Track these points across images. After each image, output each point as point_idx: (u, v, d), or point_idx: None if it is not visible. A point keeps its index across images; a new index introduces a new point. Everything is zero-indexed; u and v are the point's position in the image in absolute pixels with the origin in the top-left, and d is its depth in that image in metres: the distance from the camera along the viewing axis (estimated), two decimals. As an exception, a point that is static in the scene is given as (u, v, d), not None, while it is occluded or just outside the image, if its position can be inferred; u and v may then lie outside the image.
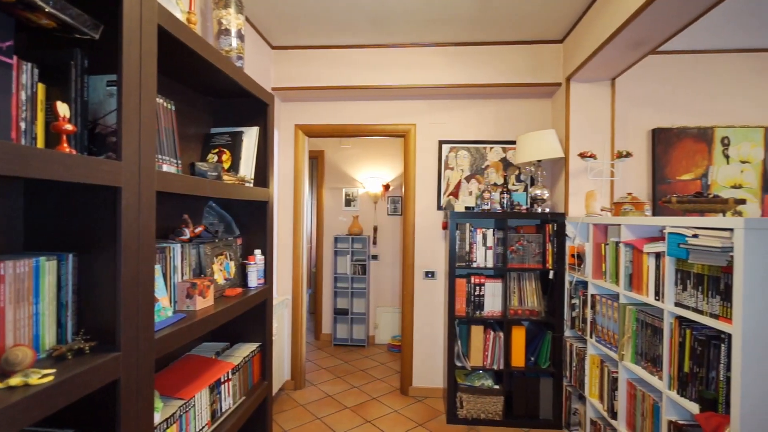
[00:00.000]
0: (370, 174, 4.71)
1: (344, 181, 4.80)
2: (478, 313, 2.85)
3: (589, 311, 2.42)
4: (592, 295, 2.39)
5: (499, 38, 2.98)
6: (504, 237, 2.82)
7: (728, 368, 1.38)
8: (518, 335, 2.83)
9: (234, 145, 1.77)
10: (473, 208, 2.97)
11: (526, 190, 3.14)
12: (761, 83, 3.09)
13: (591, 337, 2.39)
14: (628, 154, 2.56)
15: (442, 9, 2.57)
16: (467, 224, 2.85)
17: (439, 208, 3.26)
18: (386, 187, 4.66)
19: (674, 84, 3.13)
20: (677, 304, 1.65)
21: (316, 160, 4.88)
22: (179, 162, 1.29)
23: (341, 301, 4.67)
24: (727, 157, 3.08)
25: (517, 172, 3.20)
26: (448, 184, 3.26)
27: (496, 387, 2.83)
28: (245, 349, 1.75)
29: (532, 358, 2.85)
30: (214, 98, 1.83)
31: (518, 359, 2.83)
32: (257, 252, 1.79)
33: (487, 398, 2.81)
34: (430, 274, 3.28)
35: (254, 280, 1.76)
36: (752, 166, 3.07)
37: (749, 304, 1.28)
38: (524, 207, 2.89)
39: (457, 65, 3.06)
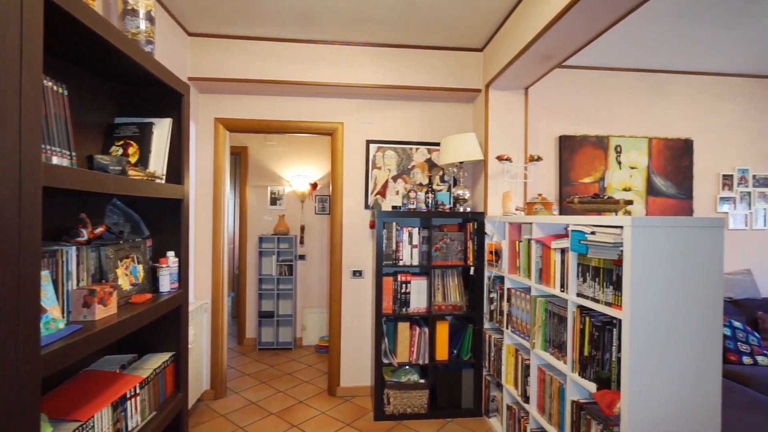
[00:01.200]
0: (297, 172, 4.60)
1: (270, 178, 4.63)
2: (404, 310, 2.92)
3: (505, 304, 2.59)
4: (508, 289, 2.56)
5: (425, 43, 3.08)
6: (429, 235, 2.91)
7: (619, 350, 1.56)
8: (442, 330, 2.94)
9: (143, 138, 1.61)
10: (400, 207, 3.03)
11: (449, 190, 3.28)
12: (646, 99, 3.55)
13: (507, 328, 2.57)
14: (539, 158, 2.79)
15: (368, 9, 2.59)
16: (394, 223, 2.90)
17: (367, 207, 3.28)
18: (314, 185, 4.58)
19: (578, 96, 3.48)
20: (579, 295, 1.83)
21: (239, 156, 4.64)
22: (73, 154, 1.14)
23: (266, 303, 4.50)
24: (619, 163, 3.49)
25: (441, 173, 3.33)
26: (375, 183, 3.29)
27: (422, 381, 2.92)
28: (156, 360, 1.60)
29: (455, 351, 2.99)
30: (120, 85, 1.65)
31: (442, 353, 2.95)
32: (170, 254, 1.65)
33: (413, 393, 2.89)
34: (357, 273, 3.28)
35: (166, 284, 1.62)
36: (639, 171, 3.52)
37: (635, 292, 1.46)
38: (448, 206, 3.02)
39: (386, 66, 3.10)
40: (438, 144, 3.32)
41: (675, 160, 3.54)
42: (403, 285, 2.91)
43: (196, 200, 3.18)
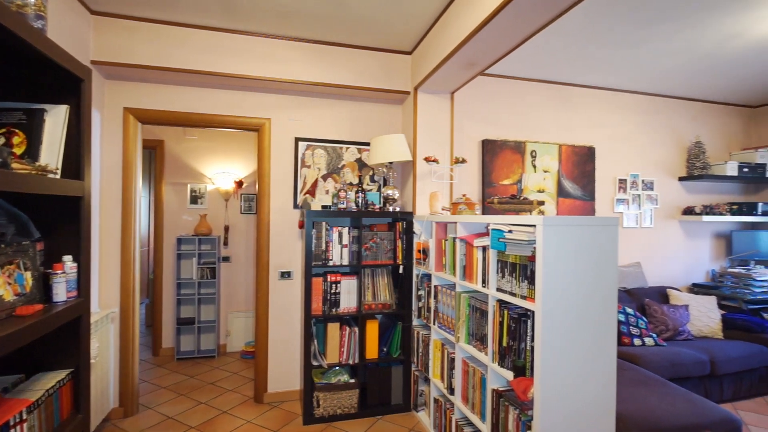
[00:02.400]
0: (221, 169, 4.35)
1: (190, 175, 4.32)
2: (334, 310, 2.89)
3: (432, 301, 2.68)
4: (435, 286, 2.65)
5: (356, 42, 3.07)
6: (359, 235, 2.92)
7: (533, 339, 1.69)
8: (372, 329, 2.97)
9: (32, 126, 1.41)
10: (330, 206, 3.00)
11: (379, 190, 3.31)
12: (557, 109, 3.89)
13: (434, 324, 2.66)
14: (464, 161, 2.92)
15: (296, 3, 2.52)
16: (324, 223, 2.86)
17: (296, 206, 3.20)
18: (239, 183, 4.36)
19: (499, 102, 3.71)
20: (498, 290, 1.94)
21: (155, 150, 4.26)
22: (-66, 142, 0.96)
23: (186, 309, 4.20)
24: (534, 166, 3.78)
25: (371, 173, 3.35)
26: (304, 182, 3.22)
27: (352, 381, 2.91)
28: (49, 380, 1.41)
29: (385, 349, 3.03)
30: (1, 64, 1.42)
31: (372, 351, 2.97)
32: (67, 259, 1.46)
33: (343, 393, 2.87)
34: (286, 275, 3.19)
35: (62, 293, 1.43)
36: (551, 174, 3.84)
37: (546, 285, 1.59)
38: (377, 206, 3.05)
39: (316, 63, 3.04)
40: (368, 144, 3.34)
41: (581, 165, 3.92)
42: (333, 285, 2.88)
43: (101, 198, 2.86)
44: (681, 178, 4.35)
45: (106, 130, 2.88)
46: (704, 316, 3.67)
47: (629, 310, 3.45)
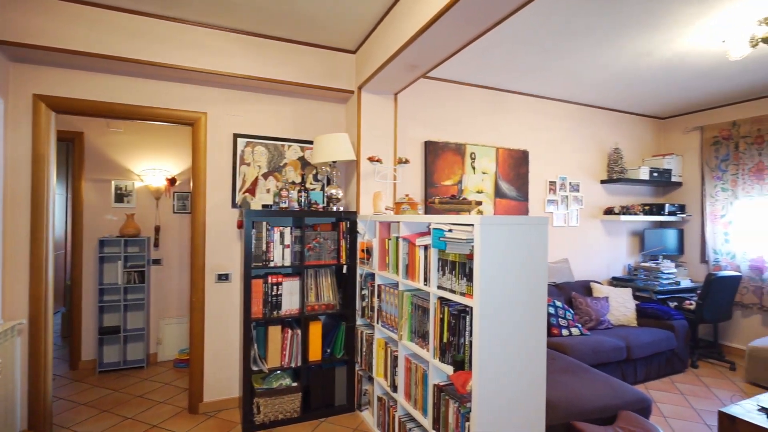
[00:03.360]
0: (151, 165, 4.05)
1: (114, 171, 3.97)
2: (275, 313, 2.80)
3: (376, 300, 2.69)
4: (379, 285, 2.66)
5: (300, 38, 3.00)
6: (301, 235, 2.86)
7: (471, 334, 1.75)
8: (315, 330, 2.92)
9: None
10: (271, 206, 2.90)
11: (322, 189, 3.27)
12: (494, 113, 4.08)
13: (378, 323, 2.67)
14: (407, 161, 2.97)
15: (237, -7, 2.41)
16: (264, 223, 2.76)
17: (234, 205, 3.06)
18: (171, 181, 4.09)
19: (441, 105, 3.81)
20: (439, 287, 1.99)
21: (72, 143, 3.87)
22: None
23: (110, 317, 3.86)
24: (474, 168, 3.93)
25: (314, 172, 3.29)
26: (244, 180, 3.09)
27: (294, 384, 2.85)
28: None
29: (329, 350, 2.99)
30: None
31: (315, 353, 2.92)
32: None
33: (285, 398, 2.80)
34: (224, 277, 3.04)
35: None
36: (489, 176, 4.02)
37: (483, 282, 1.66)
38: (321, 205, 3.00)
39: (257, 57, 2.93)
40: (311, 142, 3.28)
41: (515, 168, 4.15)
42: (275, 287, 2.80)
43: (4, 195, 2.54)
44: (603, 181, 4.75)
45: (11, 119, 2.56)
46: (622, 307, 4.04)
47: (558, 303, 3.71)
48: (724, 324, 4.54)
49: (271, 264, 2.79)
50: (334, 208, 2.99)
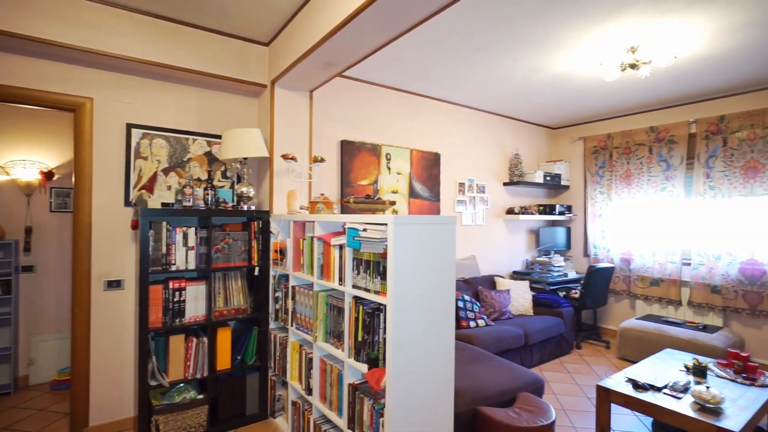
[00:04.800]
0: (20, 156, 3.46)
1: (-30, 162, 3.32)
2: (178, 320, 2.57)
3: (290, 302, 2.61)
4: (293, 287, 2.59)
5: (207, 24, 2.79)
6: (208, 236, 2.66)
7: (385, 331, 1.78)
8: (224, 336, 2.74)
9: None
10: (173, 204, 2.66)
11: (232, 187, 3.08)
12: (408, 116, 4.21)
13: (292, 325, 2.59)
14: (322, 160, 2.93)
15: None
16: (164, 223, 2.52)
17: (128, 204, 2.75)
18: (47, 175, 3.53)
19: (358, 105, 3.83)
20: (354, 286, 2.00)
21: None
22: None
23: (-36, 336, 3.21)
24: (389, 168, 4.01)
25: (223, 168, 3.09)
26: (140, 176, 2.78)
27: (200, 397, 2.64)
28: None
29: (239, 357, 2.83)
30: None
31: (224, 361, 2.74)
32: None
33: (188, 412, 2.58)
34: (114, 284, 2.71)
35: None
36: (403, 176, 4.13)
37: (396, 279, 1.70)
38: (230, 204, 2.83)
39: (156, 41, 2.65)
40: (220, 137, 3.07)
41: (428, 169, 4.33)
42: (177, 292, 2.56)
43: None
44: (505, 184, 5.18)
45: None
46: (521, 298, 4.44)
47: (467, 297, 3.95)
48: (601, 309, 5.24)
49: (173, 268, 2.55)
50: (245, 207, 2.83)
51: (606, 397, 2.60)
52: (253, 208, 2.85)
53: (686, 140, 4.47)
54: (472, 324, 3.81)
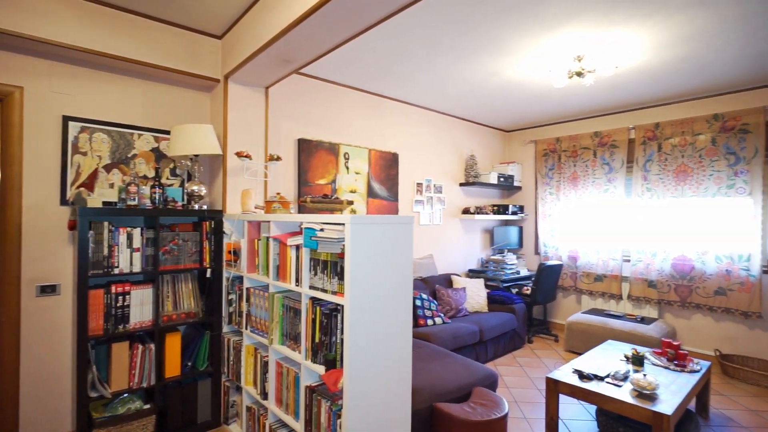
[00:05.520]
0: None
1: None
2: (122, 327, 2.42)
3: (244, 304, 2.53)
4: (248, 289, 2.51)
5: (154, 13, 2.63)
6: (156, 237, 2.52)
7: (342, 332, 1.77)
8: (173, 342, 2.61)
9: None
10: (116, 203, 2.49)
11: (182, 185, 2.94)
12: (367, 115, 4.21)
13: (246, 328, 2.51)
14: (279, 158, 2.86)
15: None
16: (106, 223, 2.36)
17: (65, 202, 2.54)
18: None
19: (316, 103, 3.77)
20: (311, 287, 1.97)
21: None
22: None
23: None
24: (347, 168, 3.99)
25: (172, 165, 2.94)
26: (78, 172, 2.59)
27: (147, 407, 2.50)
28: None
29: (190, 363, 2.70)
30: None
31: (174, 368, 2.61)
32: None
33: (134, 424, 2.43)
34: (49, 289, 2.50)
35: None
36: (362, 176, 4.13)
37: (354, 279, 1.69)
38: (180, 203, 2.70)
39: (97, 27, 2.47)
40: (168, 132, 2.92)
41: (387, 169, 4.35)
42: (120, 297, 2.41)
43: None
44: (461, 184, 5.31)
45: None
46: (476, 295, 4.57)
47: (424, 296, 4.01)
48: (551, 304, 5.50)
49: (116, 271, 2.40)
50: (196, 207, 2.71)
51: (554, 388, 2.74)
52: (204, 207, 2.74)
53: (626, 145, 4.79)
54: (430, 322, 3.87)
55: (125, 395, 2.49)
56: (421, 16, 2.64)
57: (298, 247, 2.04)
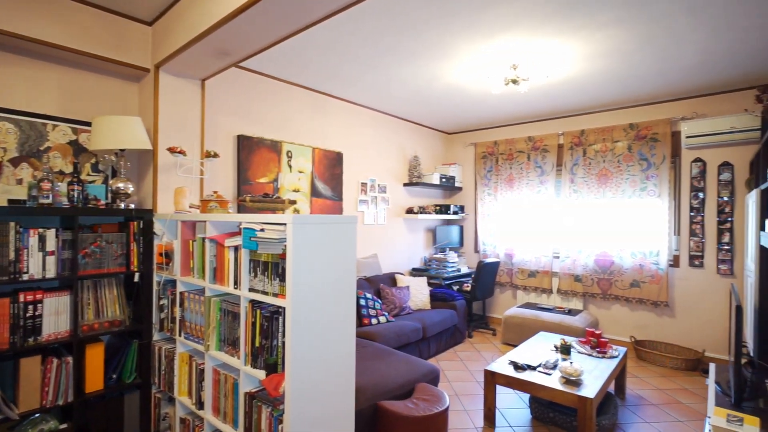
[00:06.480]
0: None
1: None
2: (32, 339, 2.17)
3: (178, 310, 2.38)
4: (181, 293, 2.36)
5: (67, -9, 2.39)
6: (74, 238, 2.29)
7: (284, 335, 1.72)
8: (95, 354, 2.38)
9: None
10: (25, 201, 2.23)
11: (106, 182, 2.70)
12: (312, 114, 4.13)
13: (180, 335, 2.36)
14: (216, 155, 2.72)
15: None
16: (13, 223, 2.10)
17: (-39, 200, 2.23)
18: None
19: (258, 99, 3.64)
20: (251, 290, 1.89)
21: None
22: None
23: None
24: (290, 167, 3.90)
25: (93, 161, 2.69)
26: (-22, 166, 2.28)
27: (63, 427, 2.26)
28: None
29: (114, 376, 2.49)
30: None
31: (96, 382, 2.39)
32: None
33: (47, 446, 2.19)
34: (-60, 300, 2.17)
35: None
36: (305, 175, 4.05)
37: (296, 280, 1.65)
38: (103, 202, 2.47)
39: (2, 3, 2.19)
40: (89, 124, 2.66)
41: (331, 169, 4.31)
42: (30, 306, 2.16)
43: None
44: (405, 184, 5.40)
45: None
46: (419, 293, 4.67)
47: (368, 295, 4.02)
48: (489, 300, 5.77)
49: (25, 277, 2.14)
50: (122, 206, 2.50)
51: (492, 380, 2.87)
52: (132, 206, 2.53)
53: (556, 150, 5.14)
54: (374, 321, 3.89)
55: (36, 415, 2.23)
56: (365, 17, 2.64)
57: (236, 248, 1.95)
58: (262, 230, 1.74)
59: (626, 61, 3.35)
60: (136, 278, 2.53)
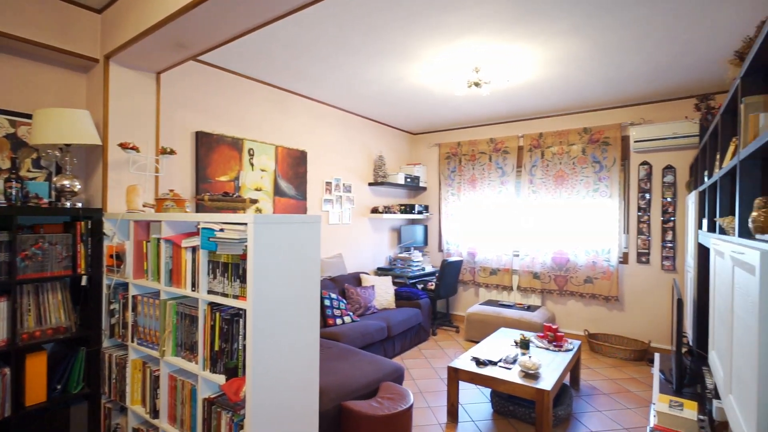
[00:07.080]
0: None
1: None
2: (-37, 350, 1.99)
3: (130, 314, 2.25)
4: (134, 296, 2.24)
5: (4, -29, 2.20)
6: (11, 239, 2.11)
7: (245, 338, 1.67)
8: (36, 363, 2.22)
9: None
10: (-46, 199, 2.04)
11: (49, 179, 2.52)
12: (275, 112, 4.04)
13: (133, 341, 2.24)
14: (172, 152, 2.61)
15: None
16: (-60, 224, 1.92)
17: None
18: None
19: (218, 95, 3.52)
20: (210, 292, 1.82)
21: None
22: None
23: None
24: (252, 165, 3.80)
25: (35, 156, 2.49)
26: None
27: (-1, 443, 2.09)
28: None
29: (59, 386, 2.33)
30: None
31: (37, 394, 2.22)
32: None
33: (-19, 465, 2.02)
34: None
35: None
36: (268, 174, 3.96)
37: (257, 281, 1.61)
38: (46, 200, 2.30)
39: None
40: (30, 116, 2.47)
41: (295, 167, 4.24)
42: (-39, 314, 1.98)
43: None
44: (370, 184, 5.39)
45: None
46: (384, 293, 4.68)
47: (333, 295, 3.99)
48: (453, 298, 5.88)
49: (-46, 282, 1.96)
50: (68, 204, 2.34)
51: (455, 376, 2.93)
52: (79, 205, 2.37)
53: (516, 151, 5.31)
54: (339, 321, 3.87)
55: (-31, 432, 2.05)
56: (330, 14, 2.61)
57: (194, 249, 1.88)
58: (221, 230, 1.68)
59: (581, 67, 3.51)
60: (84, 282, 2.38)
